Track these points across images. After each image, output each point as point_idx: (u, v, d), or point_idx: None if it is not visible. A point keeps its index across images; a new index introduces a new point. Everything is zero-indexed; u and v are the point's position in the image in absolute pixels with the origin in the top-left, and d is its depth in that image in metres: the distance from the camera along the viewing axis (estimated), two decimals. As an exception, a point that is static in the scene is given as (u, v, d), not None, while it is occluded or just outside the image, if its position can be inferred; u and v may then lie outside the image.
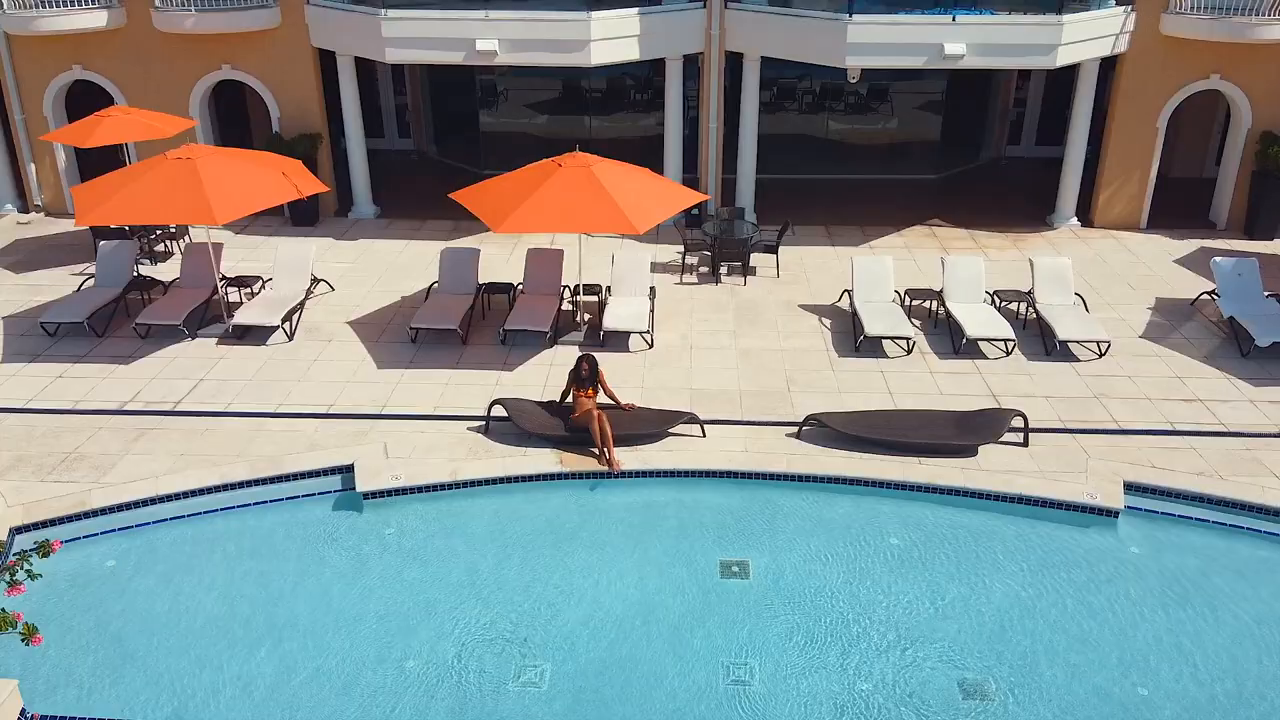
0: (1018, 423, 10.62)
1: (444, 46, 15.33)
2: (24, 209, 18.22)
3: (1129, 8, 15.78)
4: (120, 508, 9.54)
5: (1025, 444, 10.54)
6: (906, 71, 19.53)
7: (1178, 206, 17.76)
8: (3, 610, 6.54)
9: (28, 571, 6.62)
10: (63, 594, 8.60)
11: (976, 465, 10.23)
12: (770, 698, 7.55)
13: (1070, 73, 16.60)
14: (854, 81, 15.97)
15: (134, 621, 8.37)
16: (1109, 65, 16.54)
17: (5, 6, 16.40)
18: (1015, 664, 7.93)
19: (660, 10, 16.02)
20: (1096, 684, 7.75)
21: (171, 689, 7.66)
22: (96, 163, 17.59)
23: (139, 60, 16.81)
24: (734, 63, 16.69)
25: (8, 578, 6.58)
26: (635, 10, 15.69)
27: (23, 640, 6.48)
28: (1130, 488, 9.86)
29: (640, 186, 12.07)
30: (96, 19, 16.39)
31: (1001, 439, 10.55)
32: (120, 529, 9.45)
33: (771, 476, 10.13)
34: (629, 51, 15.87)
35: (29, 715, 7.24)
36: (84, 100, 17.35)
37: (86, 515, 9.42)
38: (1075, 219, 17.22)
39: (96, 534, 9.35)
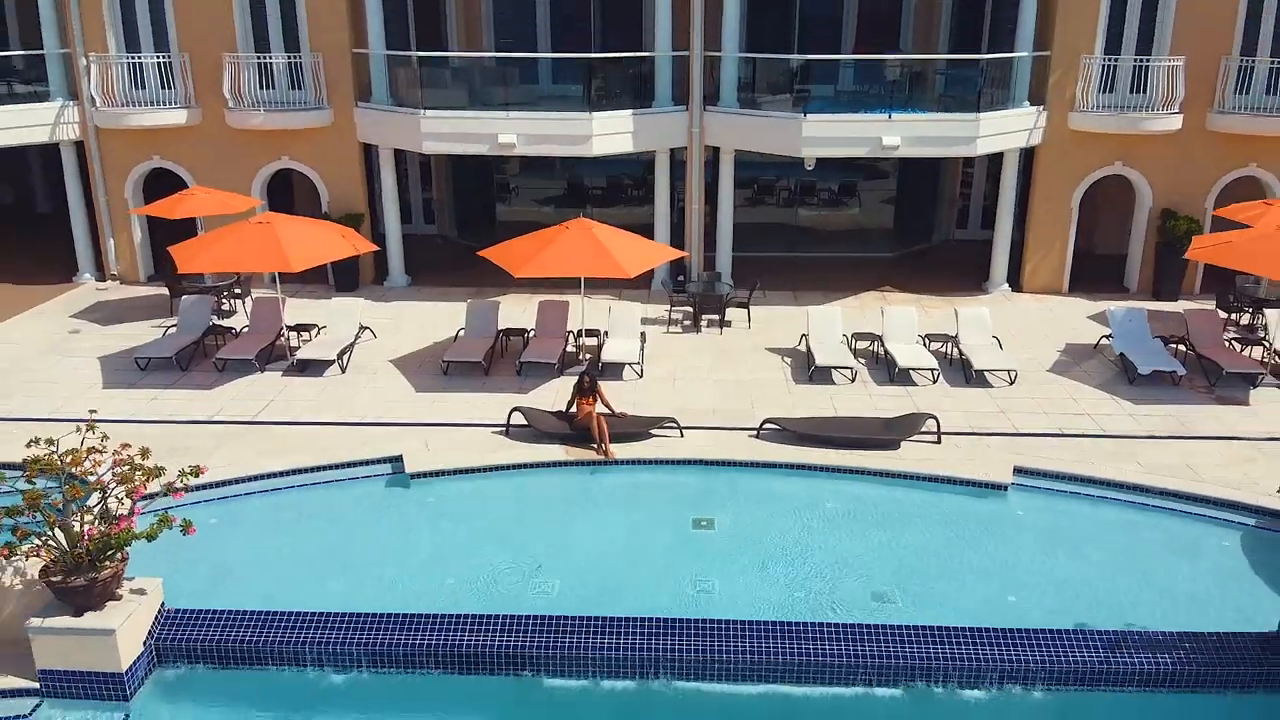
0: (932, 425, 13.22)
1: (471, 140, 18.46)
2: (101, 278, 21.10)
3: (1040, 107, 18.98)
4: (219, 484, 12.00)
5: (939, 441, 13.11)
6: (866, 169, 22.82)
7: (1098, 275, 20.65)
8: (165, 511, 9.07)
9: (184, 484, 9.16)
10: (175, 542, 10.99)
11: (898, 455, 12.80)
12: (727, 601, 9.95)
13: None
14: (810, 169, 19.03)
15: (231, 557, 10.78)
16: (1030, 155, 19.65)
17: (98, 104, 19.64)
18: (917, 583, 10.34)
19: (650, 111, 19.18)
20: (979, 594, 10.16)
21: (262, 599, 9.99)
22: (167, 239, 20.53)
23: (210, 151, 19.90)
24: (715, 156, 19.78)
25: (167, 487, 9.09)
26: (629, 111, 18.87)
27: (181, 531, 8.99)
28: (1019, 471, 12.39)
29: (631, 244, 14.98)
30: (177, 117, 19.57)
31: (919, 438, 13.14)
32: (218, 499, 11.89)
33: (734, 463, 12.68)
34: (624, 145, 18.98)
35: (164, 608, 9.66)
36: (156, 183, 20.42)
37: (192, 489, 11.85)
38: (1006, 285, 20.09)
39: (199, 502, 11.77)
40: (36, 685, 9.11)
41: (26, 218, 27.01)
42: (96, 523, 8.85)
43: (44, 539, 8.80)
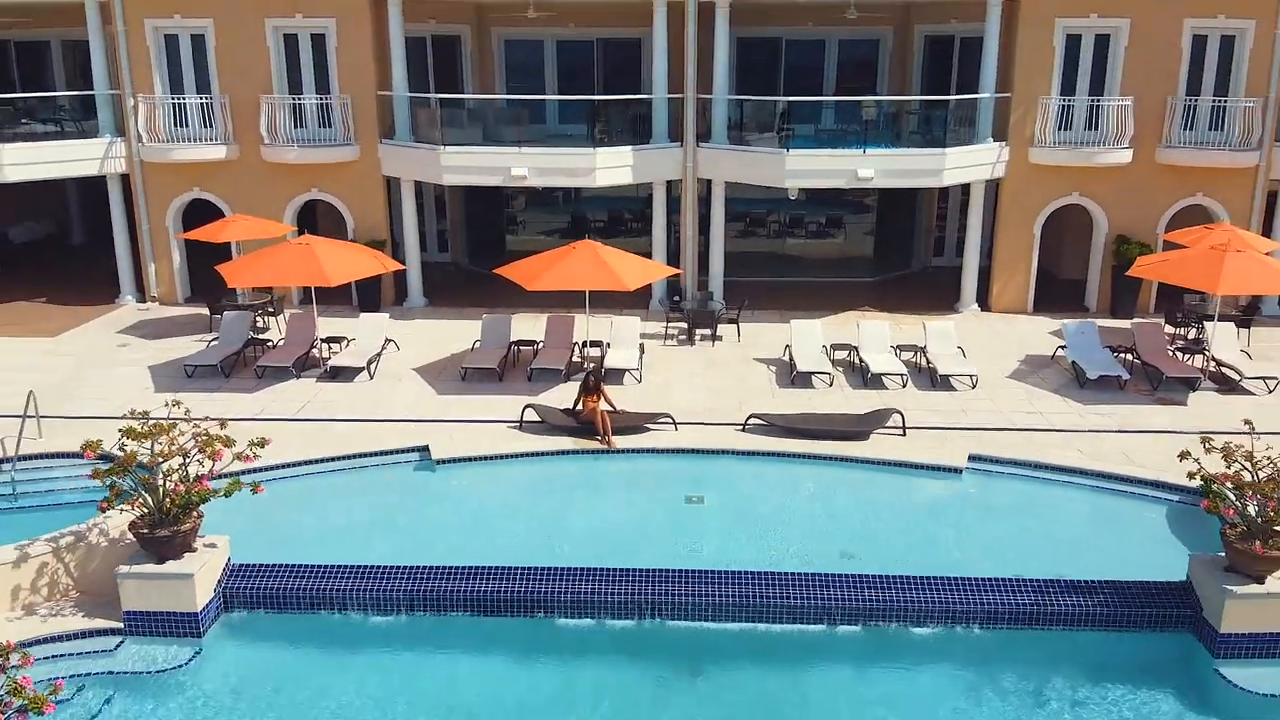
0: (898, 420, 14.87)
1: (487, 173, 20.33)
2: (142, 299, 22.84)
3: (1003, 143, 20.85)
4: (269, 468, 13.46)
5: (904, 434, 14.76)
6: (850, 203, 24.67)
7: (1062, 296, 22.41)
8: (237, 476, 10.71)
9: (253, 452, 10.81)
10: (234, 513, 12.55)
11: (867, 445, 14.44)
12: (714, 559, 11.52)
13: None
14: (793, 199, 20.86)
15: (284, 525, 12.41)
16: (995, 186, 21.48)
17: (144, 140, 21.53)
18: (879, 544, 11.99)
19: (647, 147, 21.03)
20: (931, 553, 11.80)
21: (312, 557, 11.56)
22: (203, 264, 22.39)
23: (247, 183, 21.72)
24: (709, 192, 21.58)
25: (235, 452, 10.74)
26: (629, 147, 20.74)
27: (251, 490, 10.62)
28: (973, 457, 14.03)
29: (630, 261, 16.80)
30: (216, 152, 21.44)
31: (886, 430, 14.79)
32: (269, 480, 13.37)
33: (722, 451, 14.32)
34: (624, 177, 20.83)
35: (230, 562, 11.25)
36: (193, 213, 22.25)
37: (249, 471, 13.46)
38: (976, 305, 21.82)
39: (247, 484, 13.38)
40: (120, 625, 10.68)
41: (63, 249, 28.81)
42: (180, 482, 10.48)
43: (136, 496, 10.44)
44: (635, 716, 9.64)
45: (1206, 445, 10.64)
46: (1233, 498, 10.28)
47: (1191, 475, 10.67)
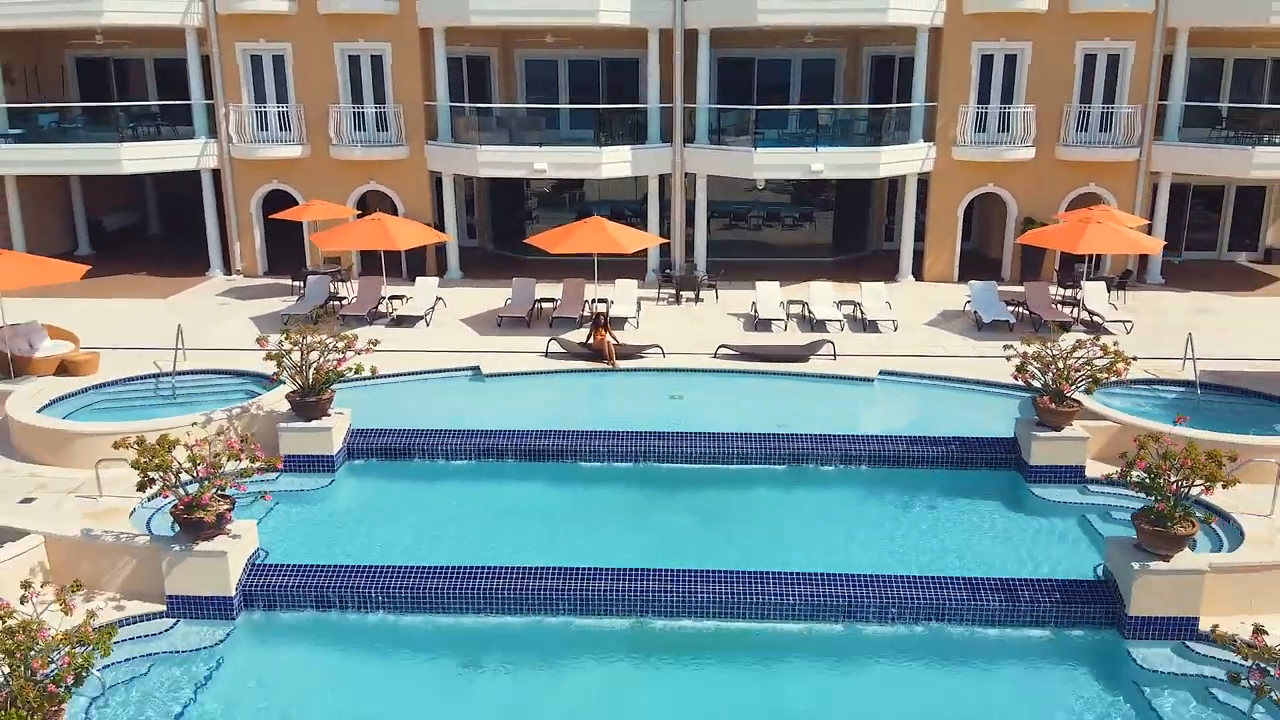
0: (829, 349, 19.75)
1: (514, 167, 25.31)
2: (228, 272, 27.74)
3: (931, 143, 25.79)
4: (364, 379, 18.38)
5: (835, 358, 19.64)
6: (818, 202, 29.53)
7: (983, 268, 27.28)
8: (360, 363, 15.59)
9: (371, 345, 15.68)
10: (348, 402, 17.39)
11: (806, 365, 19.33)
12: (689, 429, 16.40)
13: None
14: (760, 189, 25.75)
15: (382, 411, 17.20)
16: (927, 178, 26.40)
17: (234, 141, 26.47)
18: (806, 420, 16.76)
19: (643, 147, 25.98)
20: (838, 425, 16.57)
21: (396, 427, 16.43)
22: (278, 244, 27.37)
23: (316, 176, 26.64)
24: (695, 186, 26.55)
25: (359, 349, 15.59)
26: (628, 146, 25.70)
27: (371, 372, 15.50)
28: (883, 372, 18.92)
29: (628, 232, 21.77)
30: (293, 151, 26.38)
31: (822, 355, 19.68)
32: (363, 387, 18.25)
33: (698, 370, 19.22)
34: (625, 170, 25.79)
35: (351, 429, 16.11)
36: (269, 201, 27.16)
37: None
38: (911, 276, 26.72)
39: (356, 385, 18.14)
40: (279, 464, 15.46)
41: (142, 237, 33.69)
42: (323, 363, 15.37)
43: (293, 373, 15.33)
44: (632, 518, 14.45)
45: (1024, 341, 15.52)
46: (1038, 371, 15.16)
47: (1009, 359, 15.53)
